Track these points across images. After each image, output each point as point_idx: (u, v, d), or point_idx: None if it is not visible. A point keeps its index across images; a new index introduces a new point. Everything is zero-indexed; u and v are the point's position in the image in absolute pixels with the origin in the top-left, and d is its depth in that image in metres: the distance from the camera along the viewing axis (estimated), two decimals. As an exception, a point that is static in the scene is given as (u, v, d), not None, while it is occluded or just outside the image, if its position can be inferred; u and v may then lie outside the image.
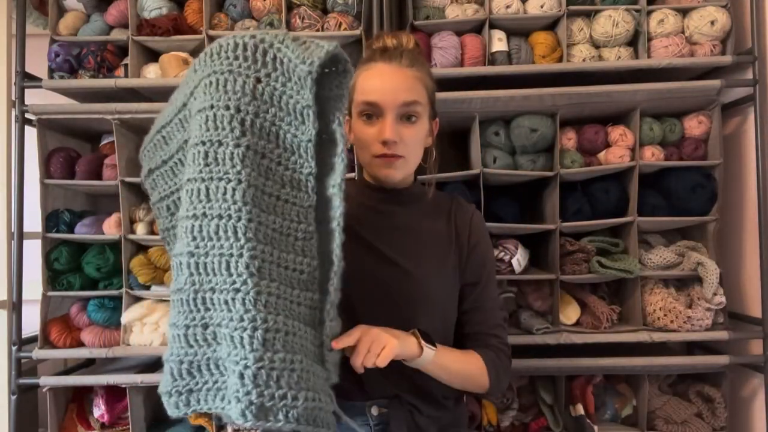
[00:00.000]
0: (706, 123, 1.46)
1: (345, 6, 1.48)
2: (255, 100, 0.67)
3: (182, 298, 0.68)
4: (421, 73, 0.89)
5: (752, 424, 1.46)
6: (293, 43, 0.67)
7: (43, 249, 1.48)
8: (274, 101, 0.68)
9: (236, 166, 0.64)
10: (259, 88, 0.67)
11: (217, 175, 0.65)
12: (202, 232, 0.65)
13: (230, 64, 0.67)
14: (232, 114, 0.65)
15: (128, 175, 1.48)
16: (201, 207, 0.65)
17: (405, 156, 0.87)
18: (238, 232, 0.64)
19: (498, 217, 1.45)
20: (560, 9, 1.46)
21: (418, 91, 0.87)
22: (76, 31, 1.55)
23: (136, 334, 1.45)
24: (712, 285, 1.36)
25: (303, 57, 0.66)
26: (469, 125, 1.50)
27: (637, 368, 1.42)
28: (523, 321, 1.46)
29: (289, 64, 0.67)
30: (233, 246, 0.64)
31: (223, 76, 0.66)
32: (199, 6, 1.50)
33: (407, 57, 0.88)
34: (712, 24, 1.42)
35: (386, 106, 0.85)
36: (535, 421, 1.48)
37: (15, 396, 1.44)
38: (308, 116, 0.67)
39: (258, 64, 0.67)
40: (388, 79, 0.86)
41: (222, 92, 0.66)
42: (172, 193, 0.80)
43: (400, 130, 0.86)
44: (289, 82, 0.68)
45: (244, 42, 0.67)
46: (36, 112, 1.45)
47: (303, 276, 0.70)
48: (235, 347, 0.63)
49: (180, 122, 0.76)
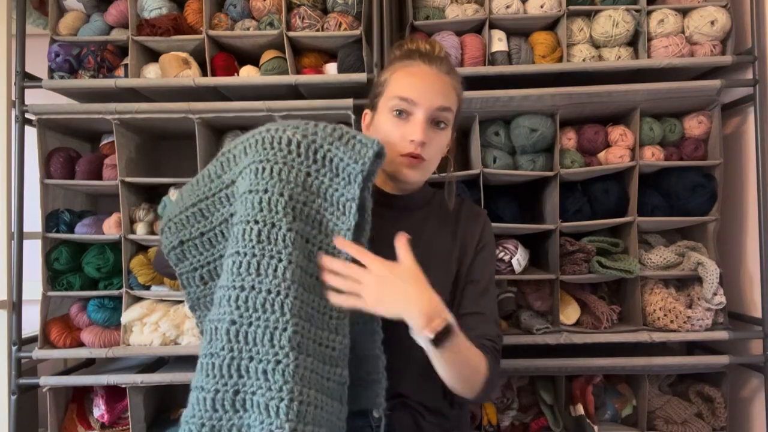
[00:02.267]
0: (706, 123, 1.46)
1: (345, 6, 1.48)
2: (305, 191, 0.75)
3: (215, 362, 0.70)
4: (456, 83, 0.90)
5: (752, 424, 1.46)
6: (342, 143, 0.76)
7: (43, 249, 1.48)
8: (321, 193, 0.76)
9: (288, 247, 0.71)
10: (308, 181, 0.76)
11: (269, 253, 0.71)
12: (248, 302, 0.70)
13: (284, 156, 0.75)
14: (286, 201, 0.73)
15: (128, 175, 1.48)
16: (250, 280, 0.70)
17: (428, 160, 0.87)
18: (284, 308, 0.69)
19: (498, 217, 1.45)
20: (560, 9, 1.46)
21: (453, 99, 0.88)
22: (76, 31, 1.55)
23: (136, 334, 1.45)
24: (712, 285, 1.36)
25: (355, 158, 0.75)
26: (469, 125, 1.50)
27: (637, 368, 1.42)
28: (523, 321, 1.46)
29: (339, 163, 0.76)
30: (279, 320, 0.69)
31: (277, 165, 0.74)
32: (199, 6, 1.50)
33: (446, 64, 0.89)
34: (712, 24, 1.42)
35: (422, 106, 0.84)
36: (535, 421, 1.48)
37: (15, 396, 1.44)
38: (350, 209, 0.75)
39: (309, 161, 0.76)
40: (428, 80, 0.86)
41: (276, 179, 0.73)
42: (208, 263, 0.83)
43: (429, 134, 0.85)
44: (336, 178, 0.76)
45: (298, 140, 0.75)
46: (36, 112, 1.45)
47: (334, 353, 0.75)
48: (269, 416, 0.67)
49: (226, 197, 0.80)
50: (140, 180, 1.49)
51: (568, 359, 1.41)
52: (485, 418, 1.45)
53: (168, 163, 1.74)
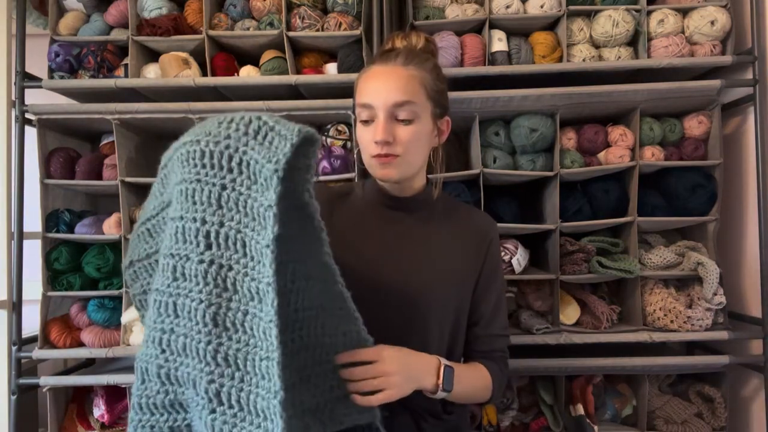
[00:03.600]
0: (706, 123, 1.46)
1: (345, 6, 1.48)
2: (220, 209, 0.64)
3: (148, 399, 0.68)
4: (420, 71, 0.86)
5: (752, 424, 1.46)
6: (257, 142, 0.63)
7: (43, 249, 1.48)
8: (239, 207, 0.64)
9: (199, 284, 0.64)
10: (224, 195, 0.64)
11: (183, 292, 0.65)
12: (171, 346, 0.66)
13: (197, 173, 0.65)
14: (198, 227, 0.64)
15: (128, 175, 1.48)
16: (169, 322, 0.66)
17: (401, 155, 0.85)
18: (200, 353, 0.64)
19: (498, 217, 1.45)
20: (560, 9, 1.46)
21: (413, 91, 0.85)
22: (76, 31, 1.55)
23: (136, 334, 1.45)
24: (712, 285, 1.36)
25: (268, 156, 0.61)
26: (469, 125, 1.50)
27: (637, 368, 1.42)
28: (523, 321, 1.46)
29: (255, 166, 0.63)
30: (196, 367, 0.64)
31: (191, 185, 0.65)
32: (199, 6, 1.50)
33: (403, 56, 0.87)
34: (712, 24, 1.42)
35: (377, 107, 0.84)
36: (535, 421, 1.48)
37: (15, 396, 1.44)
38: (269, 219, 0.61)
39: (224, 171, 0.64)
40: (381, 80, 0.85)
41: (190, 203, 0.65)
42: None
43: (395, 130, 0.85)
44: (255, 185, 0.63)
45: (210, 150, 0.64)
46: (36, 112, 1.45)
47: (263, 402, 0.65)
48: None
49: (163, 220, 0.74)
50: (140, 180, 1.49)
51: (568, 359, 1.41)
52: (485, 418, 1.45)
53: (168, 163, 1.73)
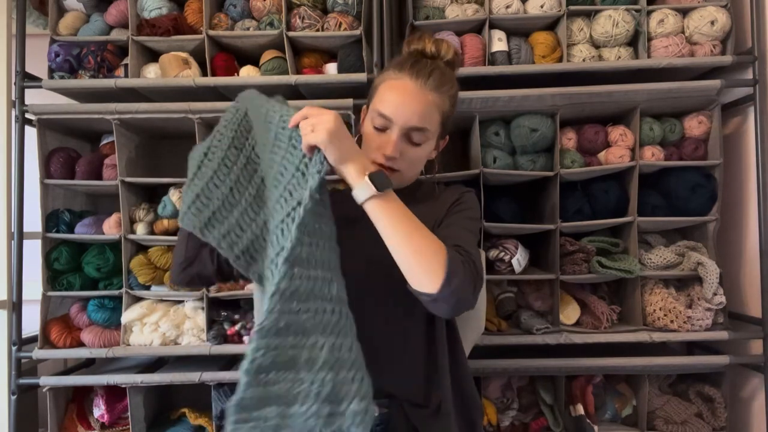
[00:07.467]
0: (706, 123, 1.46)
1: (345, 6, 1.48)
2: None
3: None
4: (442, 98, 0.88)
5: (752, 424, 1.46)
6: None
7: (43, 249, 1.48)
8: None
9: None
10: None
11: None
12: None
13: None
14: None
15: (128, 175, 1.48)
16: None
17: (402, 170, 0.88)
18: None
19: (498, 217, 1.45)
20: (560, 9, 1.46)
21: (431, 119, 0.87)
22: (76, 31, 1.55)
23: (136, 334, 1.45)
24: (712, 285, 1.37)
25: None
26: (469, 125, 1.50)
27: (637, 368, 1.42)
28: (523, 321, 1.46)
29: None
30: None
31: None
32: (199, 6, 1.50)
33: (435, 78, 0.87)
34: (712, 24, 1.42)
35: (397, 124, 0.86)
36: (535, 421, 1.48)
37: (15, 396, 1.44)
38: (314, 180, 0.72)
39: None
40: (408, 99, 0.86)
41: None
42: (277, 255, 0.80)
43: (404, 149, 0.87)
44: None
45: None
46: (36, 112, 1.45)
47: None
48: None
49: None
50: (140, 180, 1.49)
51: (568, 359, 1.41)
52: (485, 418, 1.45)
53: (168, 163, 1.73)
